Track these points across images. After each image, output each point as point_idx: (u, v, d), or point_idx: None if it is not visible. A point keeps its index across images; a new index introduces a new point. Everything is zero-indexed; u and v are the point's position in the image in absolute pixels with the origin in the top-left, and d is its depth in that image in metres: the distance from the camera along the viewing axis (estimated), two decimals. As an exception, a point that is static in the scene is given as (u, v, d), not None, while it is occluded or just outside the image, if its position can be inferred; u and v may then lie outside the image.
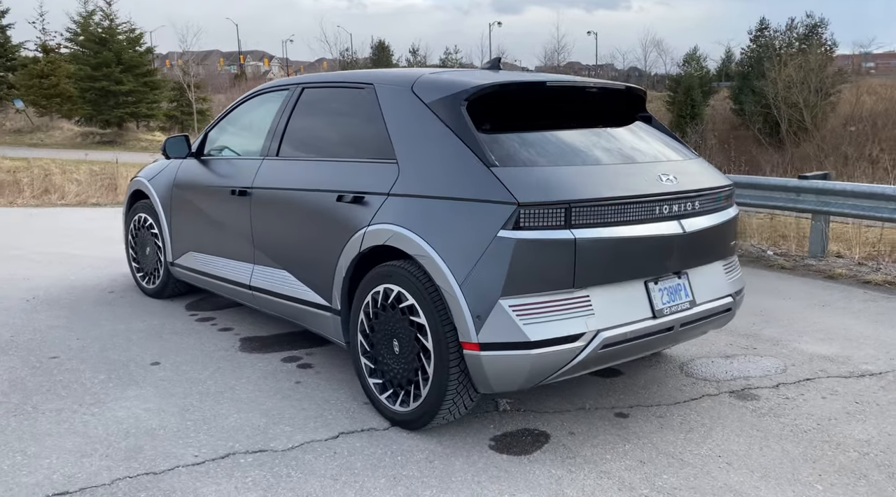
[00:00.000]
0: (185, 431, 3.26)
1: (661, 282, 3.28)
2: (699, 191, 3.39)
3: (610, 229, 3.03)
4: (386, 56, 58.98)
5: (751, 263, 7.24)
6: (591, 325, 2.99)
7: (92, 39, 27.18)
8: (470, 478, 2.90)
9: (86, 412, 3.44)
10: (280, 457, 3.04)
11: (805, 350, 4.52)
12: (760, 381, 3.98)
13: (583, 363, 3.01)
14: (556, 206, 2.91)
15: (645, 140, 3.64)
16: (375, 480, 2.87)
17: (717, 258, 3.59)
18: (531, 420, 3.44)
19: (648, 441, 3.24)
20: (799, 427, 3.42)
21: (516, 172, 2.98)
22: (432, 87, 3.38)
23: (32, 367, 4.03)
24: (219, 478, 2.86)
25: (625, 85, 3.82)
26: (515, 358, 2.90)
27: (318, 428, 3.31)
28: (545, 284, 2.93)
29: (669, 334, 3.31)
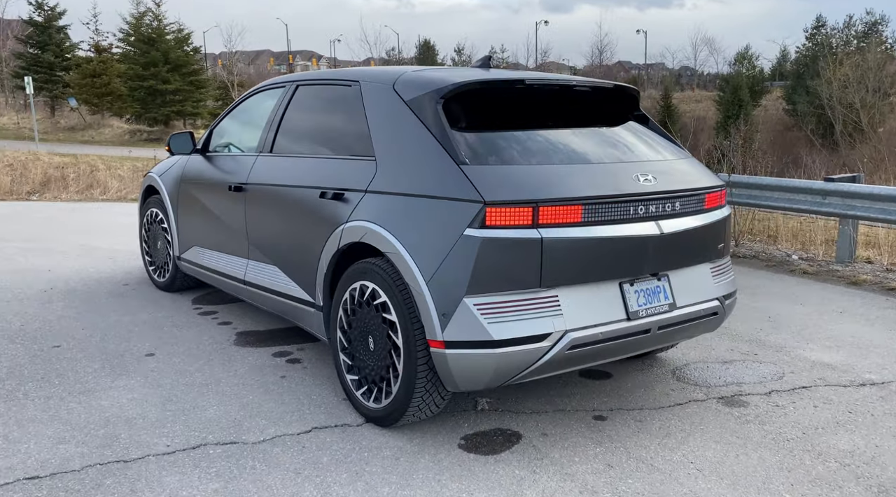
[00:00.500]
0: (162, 422, 3.33)
1: (637, 283, 3.22)
2: (680, 192, 3.32)
3: (580, 229, 2.99)
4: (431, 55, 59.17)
5: (772, 268, 7.06)
6: (559, 325, 2.96)
7: (141, 39, 27.94)
8: (432, 476, 2.89)
9: (73, 400, 3.54)
10: (249, 449, 3.08)
11: (808, 357, 4.39)
12: (753, 388, 3.87)
13: (550, 364, 2.98)
14: (523, 205, 2.88)
15: (630, 140, 3.58)
16: (337, 475, 2.88)
17: (703, 260, 3.51)
18: (507, 420, 3.41)
19: (621, 445, 3.19)
20: (782, 435, 3.32)
21: (486, 171, 2.97)
22: (412, 84, 3.39)
23: (33, 355, 4.16)
24: (185, 468, 2.91)
25: (613, 83, 3.76)
26: (480, 356, 2.89)
27: (292, 422, 3.35)
28: (511, 284, 2.91)
29: (647, 337, 3.25)
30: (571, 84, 3.57)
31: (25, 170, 17.64)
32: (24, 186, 16.17)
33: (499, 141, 3.18)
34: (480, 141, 3.15)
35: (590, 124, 3.56)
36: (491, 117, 3.34)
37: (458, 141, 3.07)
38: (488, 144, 3.14)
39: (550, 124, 3.42)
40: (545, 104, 3.52)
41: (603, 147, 3.39)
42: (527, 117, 3.42)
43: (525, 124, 3.35)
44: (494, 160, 3.05)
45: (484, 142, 3.15)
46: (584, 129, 3.47)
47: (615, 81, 3.94)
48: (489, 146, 3.13)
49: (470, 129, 3.20)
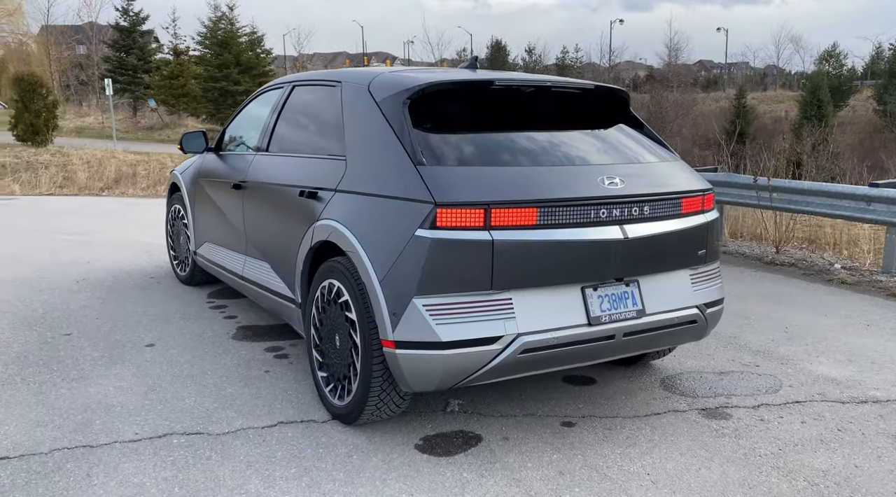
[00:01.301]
0: (139, 410, 3.45)
1: (601, 288, 3.15)
2: (650, 195, 3.22)
3: (534, 232, 2.95)
4: (502, 56, 59.03)
5: (809, 276, 6.76)
6: (511, 328, 2.92)
7: (215, 42, 28.96)
8: (378, 475, 2.91)
9: (64, 386, 3.72)
10: (211, 440, 3.17)
11: (814, 371, 4.19)
12: (742, 401, 3.73)
13: (503, 367, 2.95)
14: (474, 206, 2.86)
15: (608, 143, 3.50)
16: (287, 470, 2.93)
17: (680, 266, 3.40)
18: (472, 422, 3.40)
19: (580, 453, 3.13)
20: (756, 451, 3.19)
21: (441, 172, 2.96)
22: (384, 85, 3.41)
23: (44, 342, 4.39)
24: (144, 455, 3.02)
25: (595, 84, 3.68)
26: (428, 357, 2.88)
27: (261, 416, 3.42)
28: (462, 285, 2.89)
29: (612, 343, 3.17)
30: (547, 85, 3.51)
31: (101, 166, 18.57)
32: (97, 182, 17.03)
33: (460, 142, 3.16)
34: (442, 142, 3.14)
35: (567, 127, 3.51)
36: (458, 118, 3.33)
37: (418, 141, 3.07)
38: (449, 145, 3.13)
39: (522, 126, 3.39)
40: (519, 105, 3.48)
41: (572, 150, 3.33)
42: (496, 119, 3.39)
43: (492, 126, 3.32)
44: (452, 161, 3.04)
45: (445, 143, 3.14)
46: (557, 132, 3.41)
47: (602, 83, 3.86)
48: (450, 147, 3.13)
49: (435, 129, 3.20)
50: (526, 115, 3.48)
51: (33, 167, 18.59)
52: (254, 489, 2.78)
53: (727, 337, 4.77)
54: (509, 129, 3.34)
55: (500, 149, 3.17)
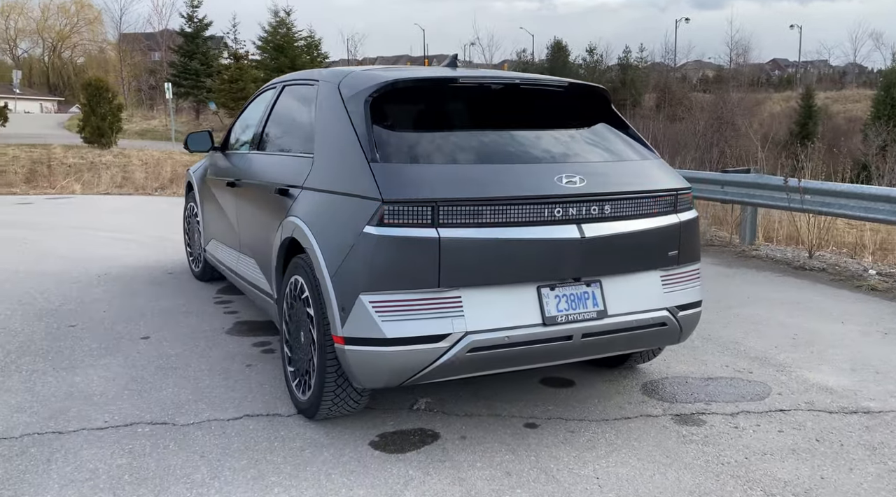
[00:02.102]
0: (115, 399, 3.57)
1: (559, 288, 3.10)
2: (612, 194, 3.15)
3: (484, 230, 2.92)
4: (563, 56, 58.49)
5: (838, 282, 6.48)
6: (458, 326, 2.90)
7: (273, 47, 29.65)
8: (325, 470, 2.93)
9: (53, 375, 3.87)
10: (174, 430, 3.25)
11: (809, 379, 4.01)
12: (722, 407, 3.61)
13: (451, 365, 2.93)
14: (421, 204, 2.86)
15: (577, 141, 3.44)
16: (237, 461, 2.98)
17: (648, 267, 3.31)
18: (434, 420, 3.38)
19: (534, 454, 3.08)
20: (720, 459, 3.08)
21: (392, 169, 2.96)
22: (351, 83, 3.43)
23: (49, 333, 4.58)
24: (107, 443, 3.12)
25: (569, 82, 3.62)
26: (374, 354, 2.89)
27: (229, 408, 3.49)
28: (409, 282, 2.89)
29: (570, 344, 3.11)
30: (516, 83, 3.47)
31: (157, 167, 19.27)
32: (153, 182, 17.64)
33: (418, 139, 3.16)
34: (400, 139, 3.15)
35: (538, 125, 3.46)
36: (420, 116, 3.33)
37: (375, 138, 3.08)
38: (406, 143, 3.14)
39: (486, 124, 3.36)
40: (485, 103, 3.46)
41: (533, 148, 3.28)
42: (460, 116, 3.37)
43: (454, 123, 3.31)
44: (406, 158, 3.04)
45: (403, 140, 3.15)
46: (524, 131, 3.37)
47: (578, 81, 3.80)
48: (406, 144, 3.13)
49: (395, 127, 3.21)
50: (493, 112, 3.45)
51: (96, 167, 19.42)
52: (200, 479, 2.84)
53: (727, 342, 4.63)
54: (472, 126, 3.32)
55: (457, 146, 3.16)
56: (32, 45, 68.33)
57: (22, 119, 41.67)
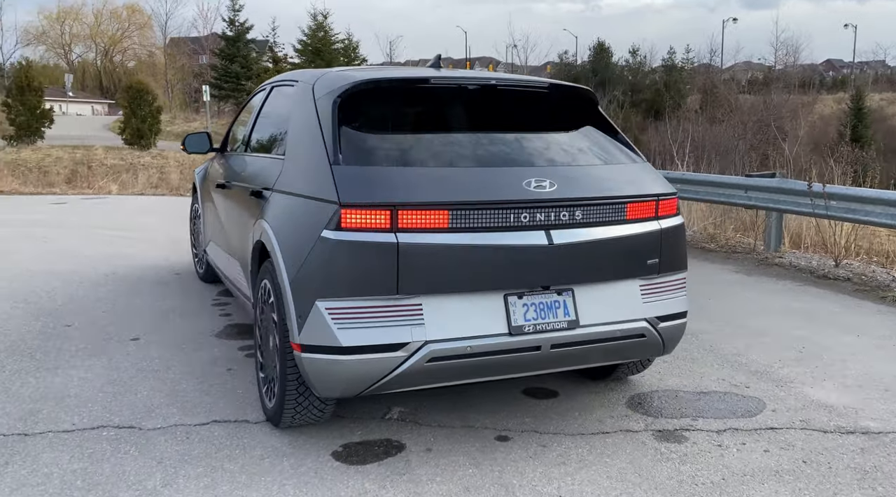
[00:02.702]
0: (88, 401, 3.56)
1: (528, 297, 2.97)
2: (584, 199, 3.01)
3: (446, 236, 2.82)
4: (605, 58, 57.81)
5: (861, 293, 6.19)
6: (418, 335, 2.80)
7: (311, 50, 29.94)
8: (279, 480, 2.86)
9: (34, 375, 3.89)
10: (139, 434, 3.22)
11: (809, 395, 3.81)
12: (709, 424, 3.43)
13: (410, 375, 2.83)
14: (380, 208, 2.77)
15: (554, 144, 3.30)
16: (194, 469, 2.93)
17: (626, 276, 3.16)
18: (403, 431, 3.29)
19: (499, 469, 2.96)
20: (695, 479, 2.92)
21: (353, 172, 2.88)
22: (324, 84, 3.36)
23: (43, 332, 4.62)
24: (69, 446, 3.09)
25: (549, 83, 3.48)
26: (330, 362, 2.81)
27: (199, 413, 3.45)
28: (367, 289, 2.80)
29: (538, 355, 2.99)
30: (492, 84, 3.36)
31: (193, 168, 19.54)
32: (188, 183, 17.90)
33: (384, 141, 3.07)
34: (364, 141, 3.06)
35: (515, 127, 3.34)
36: (389, 117, 3.24)
37: (342, 140, 3.00)
38: (371, 145, 3.05)
39: (457, 126, 3.26)
40: (459, 104, 3.35)
41: (503, 151, 3.16)
42: (431, 118, 3.27)
43: (424, 125, 3.21)
44: (368, 161, 2.95)
45: (368, 142, 3.06)
46: (498, 133, 3.25)
47: (562, 82, 3.66)
48: (371, 146, 3.04)
49: (363, 128, 3.13)
50: (467, 114, 3.35)
51: (134, 168, 19.83)
52: (151, 486, 2.79)
53: (729, 354, 4.43)
54: (443, 129, 3.22)
55: (424, 149, 3.06)
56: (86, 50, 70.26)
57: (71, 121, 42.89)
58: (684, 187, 8.57)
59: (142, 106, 22.46)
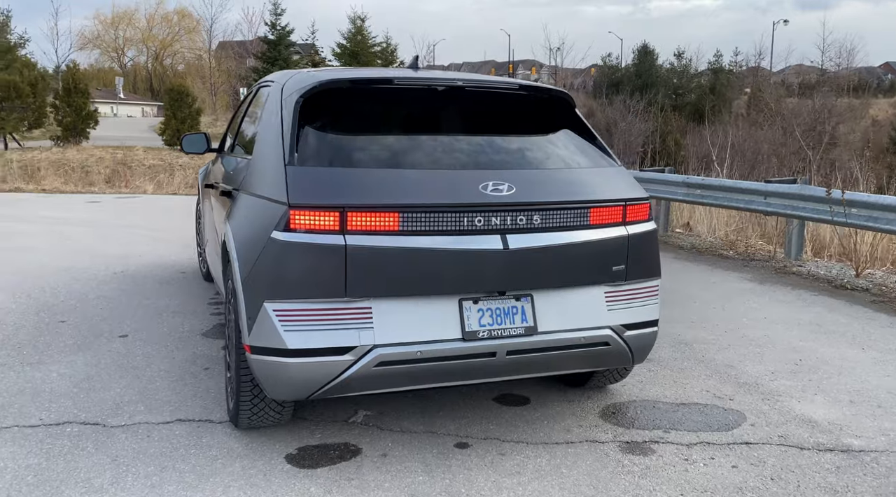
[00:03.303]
0: (61, 396, 3.60)
1: (484, 302, 2.91)
2: (545, 204, 2.93)
3: (396, 238, 2.77)
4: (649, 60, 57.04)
5: (876, 305, 5.94)
6: (366, 339, 2.76)
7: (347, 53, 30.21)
8: (225, 482, 2.84)
9: (16, 369, 3.95)
10: (101, 432, 3.24)
11: (795, 410, 3.65)
12: (681, 437, 3.32)
13: (359, 380, 2.79)
14: (328, 209, 2.74)
15: (520, 147, 3.22)
16: (145, 467, 2.93)
17: (589, 282, 3.07)
18: (363, 435, 3.25)
19: (450, 477, 2.90)
20: (652, 494, 2.81)
21: (306, 172, 2.85)
22: (292, 85, 3.35)
23: (37, 327, 4.71)
24: (29, 442, 3.13)
25: (519, 84, 3.41)
26: (277, 365, 2.79)
27: (165, 411, 3.46)
28: (315, 291, 2.76)
29: (495, 362, 2.92)
30: (458, 85, 3.29)
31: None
32: (222, 184, 18.17)
33: (339, 142, 3.04)
34: (321, 141, 3.03)
35: (479, 129, 3.28)
36: (350, 118, 3.20)
37: (300, 141, 2.98)
38: (327, 145, 3.02)
39: (420, 127, 3.21)
40: (424, 106, 3.30)
41: (462, 153, 3.09)
42: (393, 119, 3.23)
43: (384, 126, 3.17)
44: (323, 162, 2.92)
45: (324, 142, 3.03)
46: (458, 135, 3.19)
47: (534, 83, 3.58)
48: (327, 147, 3.01)
49: (323, 129, 3.10)
50: (431, 116, 3.29)
51: (171, 169, 20.21)
52: (99, 484, 2.81)
53: (721, 365, 4.28)
54: (404, 130, 3.18)
55: (380, 151, 3.02)
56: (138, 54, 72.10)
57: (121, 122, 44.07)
58: (704, 193, 8.37)
59: (182, 107, 22.92)
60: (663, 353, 4.45)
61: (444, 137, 3.15)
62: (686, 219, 10.01)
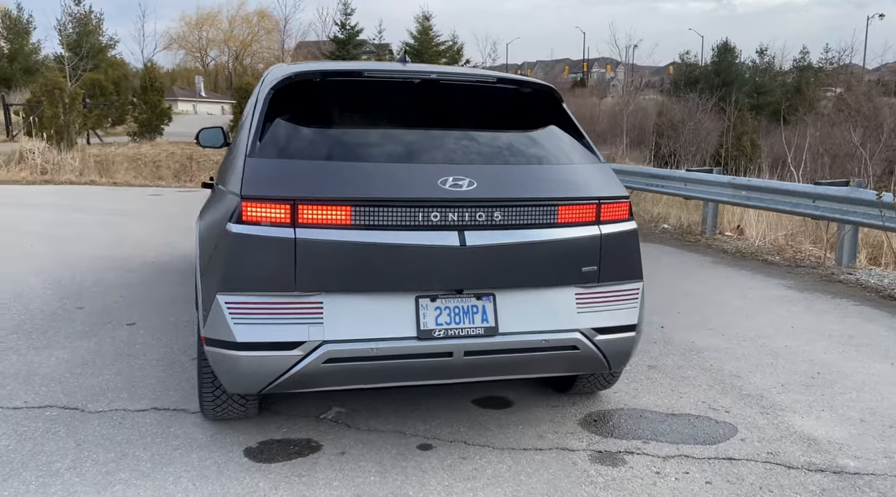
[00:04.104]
0: (52, 381, 3.70)
1: (442, 300, 2.82)
2: (507, 200, 2.81)
3: (348, 233, 2.71)
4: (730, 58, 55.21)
5: (924, 314, 5.52)
6: (315, 334, 2.72)
7: (412, 52, 30.42)
8: (177, 472, 2.84)
9: (21, 354, 4.09)
10: (77, 416, 3.31)
11: (794, 425, 3.42)
12: (659, 449, 3.14)
13: (309, 376, 2.75)
14: (279, 202, 2.70)
15: (490, 141, 3.11)
16: (105, 453, 2.97)
17: (557, 283, 2.94)
18: (329, 432, 3.21)
19: (403, 479, 2.82)
20: (608, 508, 2.67)
21: (261, 164, 2.83)
22: (270, 77, 3.35)
23: (53, 313, 4.88)
24: (7, 423, 3.20)
25: (497, 76, 3.28)
26: (227, 357, 2.77)
27: (145, 399, 3.51)
28: (265, 284, 2.73)
29: (452, 363, 2.83)
30: (432, 78, 3.20)
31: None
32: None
33: (300, 134, 2.99)
34: (286, 133, 2.99)
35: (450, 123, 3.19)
36: (317, 110, 3.15)
37: (265, 133, 2.95)
38: (290, 137, 2.98)
39: (387, 120, 3.14)
40: (395, 99, 3.22)
41: (427, 147, 2.99)
42: (362, 112, 3.17)
43: (349, 119, 3.12)
44: (280, 154, 2.89)
45: (288, 134, 2.99)
46: (424, 129, 3.09)
47: (516, 76, 3.45)
48: (289, 139, 2.97)
49: (292, 121, 3.06)
50: (402, 109, 3.21)
51: (237, 164, 20.78)
52: (57, 468, 2.85)
53: (727, 375, 4.06)
54: (371, 123, 3.11)
55: (340, 143, 2.96)
56: (219, 53, 74.53)
57: (199, 119, 45.56)
58: (749, 194, 7.99)
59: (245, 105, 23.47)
60: (668, 361, 4.25)
61: (412, 131, 3.07)
62: (738, 221, 9.59)
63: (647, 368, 4.12)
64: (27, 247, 7.15)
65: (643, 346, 4.46)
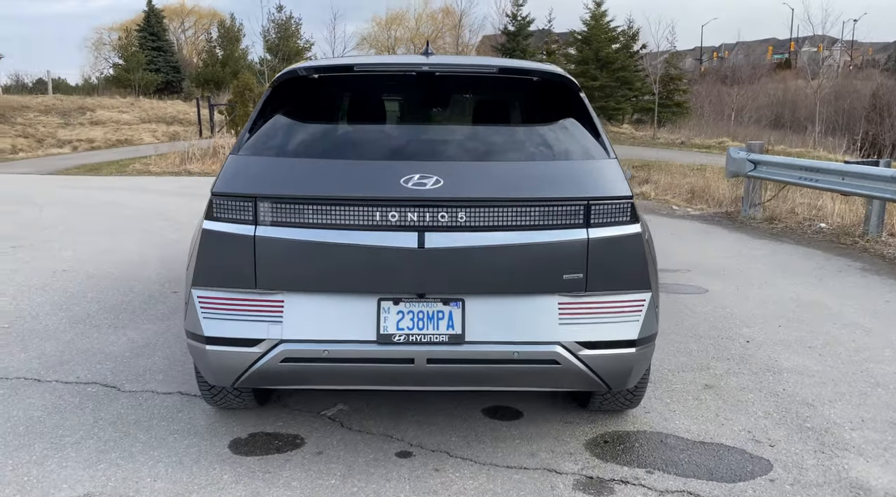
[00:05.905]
0: (110, 359, 3.99)
1: (405, 304, 2.68)
2: (475, 200, 2.60)
3: (306, 231, 2.65)
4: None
5: None
6: (273, 333, 2.70)
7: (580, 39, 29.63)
8: (160, 456, 2.95)
9: (102, 331, 4.46)
10: (110, 394, 3.55)
11: (848, 470, 2.89)
12: (662, 482, 2.78)
13: (268, 374, 2.74)
14: (241, 199, 2.70)
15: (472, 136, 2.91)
16: (113, 432, 3.15)
17: (537, 291, 2.67)
18: (319, 429, 3.18)
19: (362, 485, 2.73)
20: (562, 543, 2.40)
21: (237, 161, 2.84)
22: (280, 73, 3.36)
23: (152, 296, 5.28)
24: (51, 396, 3.49)
25: (499, 67, 3.02)
26: (199, 351, 2.82)
27: (174, 382, 3.69)
28: (231, 281, 2.74)
29: (413, 369, 2.68)
30: (424, 70, 3.02)
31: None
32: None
33: (280, 131, 2.96)
34: (269, 132, 2.98)
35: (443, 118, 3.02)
36: (307, 107, 3.10)
37: (252, 131, 2.98)
38: (271, 135, 2.96)
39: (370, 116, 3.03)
40: (389, 93, 3.10)
41: (397, 143, 2.85)
42: (348, 108, 3.09)
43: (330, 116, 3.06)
44: (256, 151, 2.88)
45: (271, 132, 2.97)
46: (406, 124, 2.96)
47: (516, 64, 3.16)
48: (269, 137, 2.95)
49: (283, 116, 3.05)
50: (395, 103, 3.09)
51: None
52: (63, 443, 3.06)
53: (798, 402, 3.54)
54: (353, 119, 3.03)
55: (312, 140, 2.90)
56: (406, 51, 77.60)
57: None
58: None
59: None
60: (732, 381, 3.77)
61: (391, 127, 2.95)
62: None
63: (703, 388, 3.67)
64: (168, 234, 7.84)
65: (709, 362, 3.99)
